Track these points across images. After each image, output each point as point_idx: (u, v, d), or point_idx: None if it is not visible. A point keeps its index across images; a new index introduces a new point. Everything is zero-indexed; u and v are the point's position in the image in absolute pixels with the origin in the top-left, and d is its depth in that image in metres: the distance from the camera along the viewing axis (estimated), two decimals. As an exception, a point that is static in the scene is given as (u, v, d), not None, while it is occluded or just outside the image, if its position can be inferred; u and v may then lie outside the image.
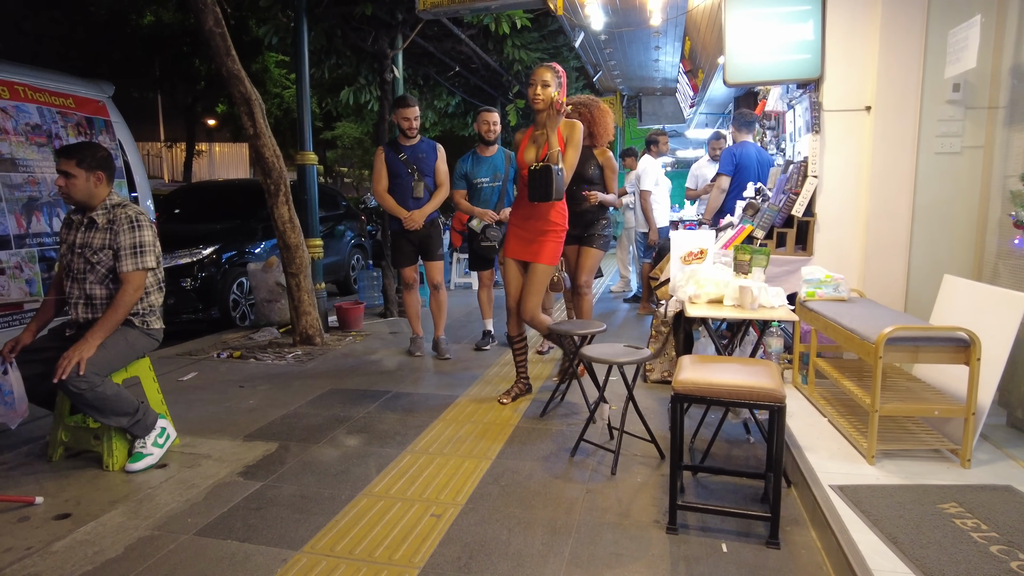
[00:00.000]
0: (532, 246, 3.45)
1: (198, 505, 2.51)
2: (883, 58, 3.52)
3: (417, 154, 4.60)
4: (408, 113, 4.56)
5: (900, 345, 2.46)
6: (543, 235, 3.44)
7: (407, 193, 4.58)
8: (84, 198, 2.81)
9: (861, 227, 3.71)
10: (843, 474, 2.42)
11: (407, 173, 4.57)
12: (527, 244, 3.46)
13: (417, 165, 4.58)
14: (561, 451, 2.99)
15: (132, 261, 2.81)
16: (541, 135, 3.37)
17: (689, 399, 2.18)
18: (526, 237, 3.47)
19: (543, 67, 3.32)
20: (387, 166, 4.60)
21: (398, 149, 4.60)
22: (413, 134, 4.58)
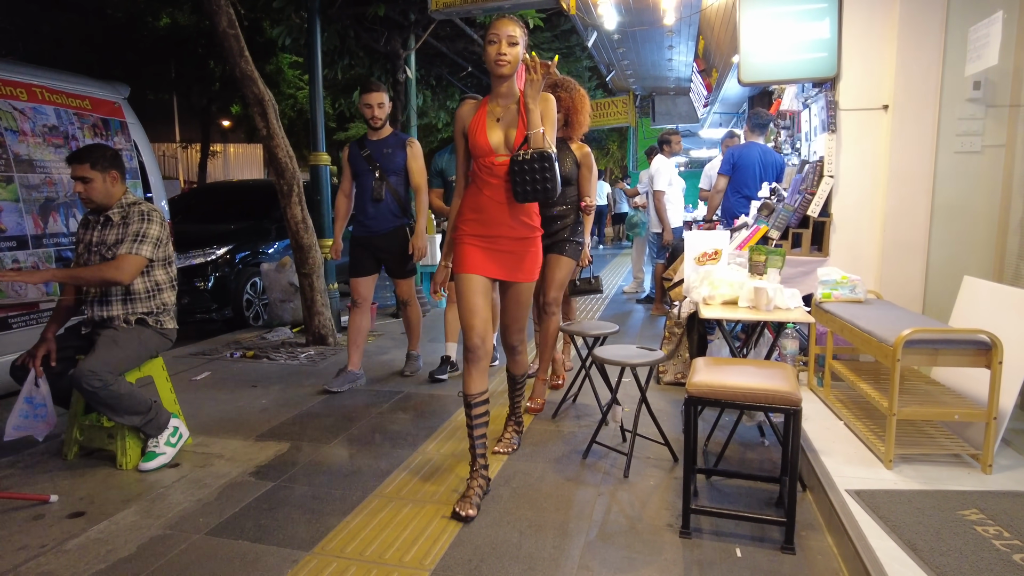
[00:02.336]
0: (510, 259, 2.60)
1: (210, 505, 2.52)
2: (901, 56, 3.47)
3: (381, 149, 3.95)
4: (370, 99, 3.91)
5: (919, 348, 2.41)
6: (523, 243, 2.60)
7: (367, 196, 3.94)
8: (103, 199, 2.84)
9: (878, 228, 3.66)
10: (860, 478, 2.38)
11: (367, 171, 3.94)
12: (501, 257, 2.59)
13: (380, 162, 3.92)
14: (573, 453, 2.97)
15: (129, 245, 2.82)
16: (506, 110, 2.53)
17: (703, 402, 2.15)
18: (497, 248, 2.58)
19: (507, 19, 2.47)
20: (350, 164, 4.01)
21: (363, 144, 4.00)
22: (377, 124, 3.92)
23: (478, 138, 2.51)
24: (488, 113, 2.56)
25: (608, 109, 12.77)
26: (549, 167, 2.39)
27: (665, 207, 6.20)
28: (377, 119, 3.91)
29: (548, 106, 2.52)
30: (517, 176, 2.42)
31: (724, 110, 10.25)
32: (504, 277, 2.62)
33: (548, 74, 2.42)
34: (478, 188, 2.55)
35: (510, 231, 2.57)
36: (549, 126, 2.48)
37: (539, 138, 2.41)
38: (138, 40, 14.68)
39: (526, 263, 2.63)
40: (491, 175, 2.52)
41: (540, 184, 2.41)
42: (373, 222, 3.97)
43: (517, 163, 2.42)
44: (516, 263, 2.61)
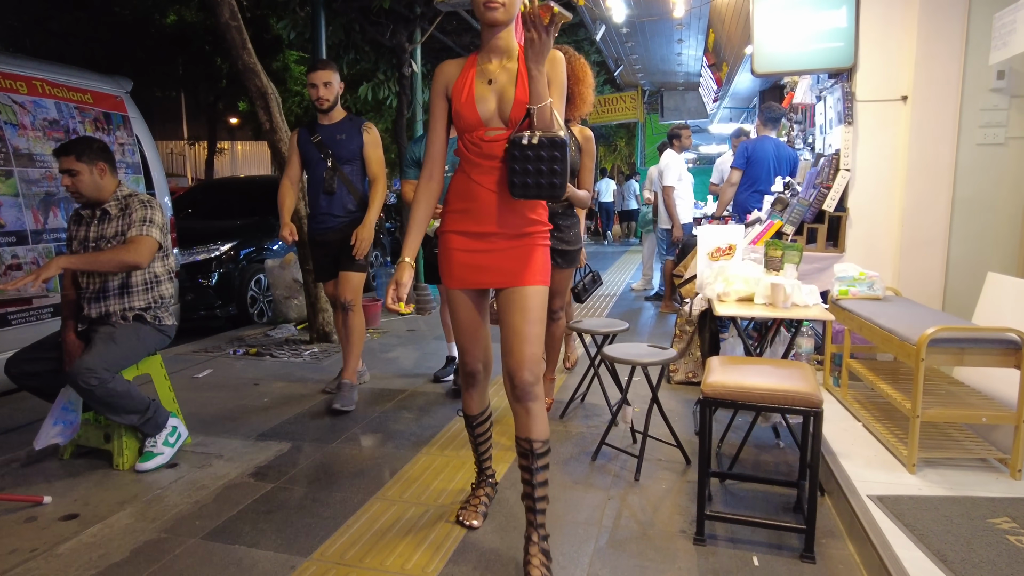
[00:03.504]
0: (509, 261, 1.99)
1: (207, 507, 2.44)
2: (921, 44, 3.35)
3: (334, 135, 3.51)
4: (314, 77, 3.45)
5: (944, 347, 2.31)
6: (523, 240, 2.00)
7: (318, 188, 3.54)
8: (93, 192, 2.76)
9: (896, 222, 3.55)
10: (882, 483, 2.28)
11: (319, 160, 3.51)
12: (496, 259, 2.00)
13: (332, 149, 3.49)
14: (582, 455, 2.88)
15: (138, 228, 2.76)
16: (502, 70, 1.92)
17: (719, 403, 2.06)
18: (492, 248, 2.00)
19: None
20: (299, 151, 3.58)
21: (314, 130, 3.55)
22: (323, 106, 3.46)
23: (464, 107, 1.92)
24: (477, 74, 1.94)
25: (616, 105, 12.65)
26: (560, 157, 1.81)
27: (675, 203, 6.09)
28: (323, 100, 3.44)
29: (556, 69, 1.91)
30: (516, 164, 1.84)
31: (734, 105, 10.12)
32: (502, 284, 2.00)
33: (554, 24, 1.70)
34: (465, 172, 1.99)
35: (507, 227, 1.97)
36: (558, 96, 1.91)
37: (547, 115, 1.82)
38: (145, 37, 14.66)
39: (532, 263, 1.99)
40: (480, 155, 1.94)
41: (545, 178, 1.84)
42: (327, 217, 3.56)
43: (519, 148, 1.83)
44: (518, 264, 1.98)
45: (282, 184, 3.64)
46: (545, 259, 2.03)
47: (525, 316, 1.96)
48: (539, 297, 1.99)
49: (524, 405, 1.97)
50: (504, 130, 1.92)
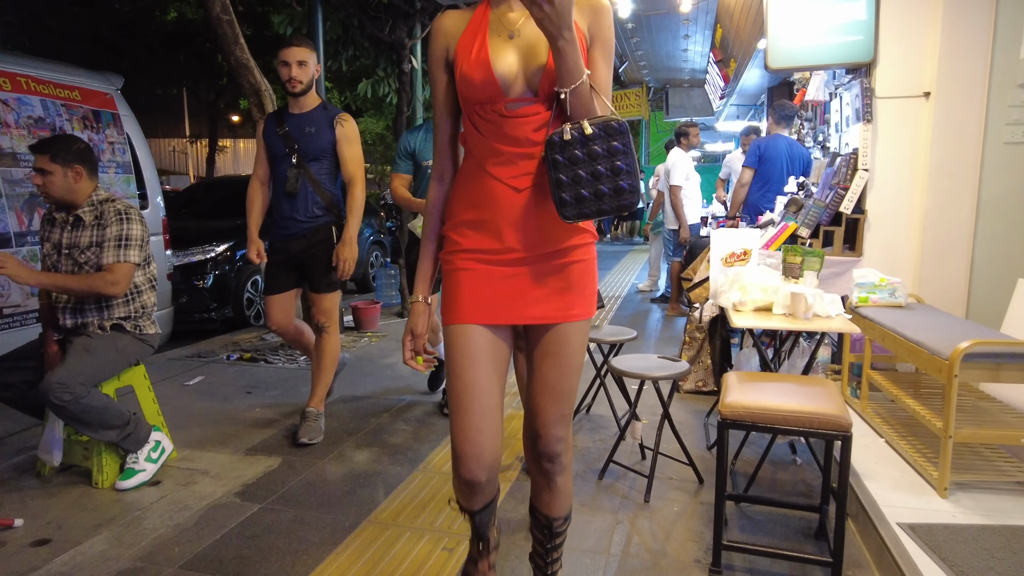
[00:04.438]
0: (543, 290, 1.49)
1: (188, 531, 2.29)
2: (945, 38, 3.18)
3: (303, 126, 3.00)
4: (288, 55, 2.91)
5: (979, 362, 2.14)
6: (567, 259, 1.49)
7: (281, 187, 3.03)
8: (64, 195, 2.60)
9: (917, 225, 3.38)
10: (912, 509, 2.12)
11: (284, 155, 3.00)
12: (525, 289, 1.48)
13: (299, 143, 2.98)
14: (588, 472, 2.72)
15: (114, 252, 2.59)
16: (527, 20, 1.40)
17: (740, 426, 1.90)
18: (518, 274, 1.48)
19: None
20: (266, 144, 3.08)
21: (281, 120, 3.05)
22: (296, 88, 2.94)
23: (474, 68, 1.38)
24: (492, 24, 1.42)
25: (620, 102, 12.46)
26: (623, 149, 1.34)
27: (682, 203, 5.93)
28: (295, 82, 2.93)
29: (601, 23, 1.42)
30: (563, 173, 1.34)
31: (741, 102, 9.94)
32: (537, 319, 1.49)
33: None
34: (477, 164, 1.44)
35: (541, 244, 1.45)
36: (605, 64, 1.43)
37: (584, 97, 1.33)
38: (145, 34, 14.53)
39: (578, 288, 1.50)
40: (501, 137, 1.40)
41: (609, 183, 1.34)
42: (288, 222, 3.06)
43: (562, 149, 1.33)
44: (557, 293, 1.48)
45: (250, 187, 3.17)
46: (593, 280, 1.54)
47: (563, 365, 1.50)
48: (583, 337, 1.53)
49: (548, 478, 1.57)
50: (533, 101, 1.38)
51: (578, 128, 1.32)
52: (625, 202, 1.35)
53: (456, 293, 1.49)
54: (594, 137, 1.32)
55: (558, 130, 1.34)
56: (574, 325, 1.51)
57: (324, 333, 3.15)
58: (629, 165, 1.34)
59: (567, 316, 1.50)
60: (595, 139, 1.32)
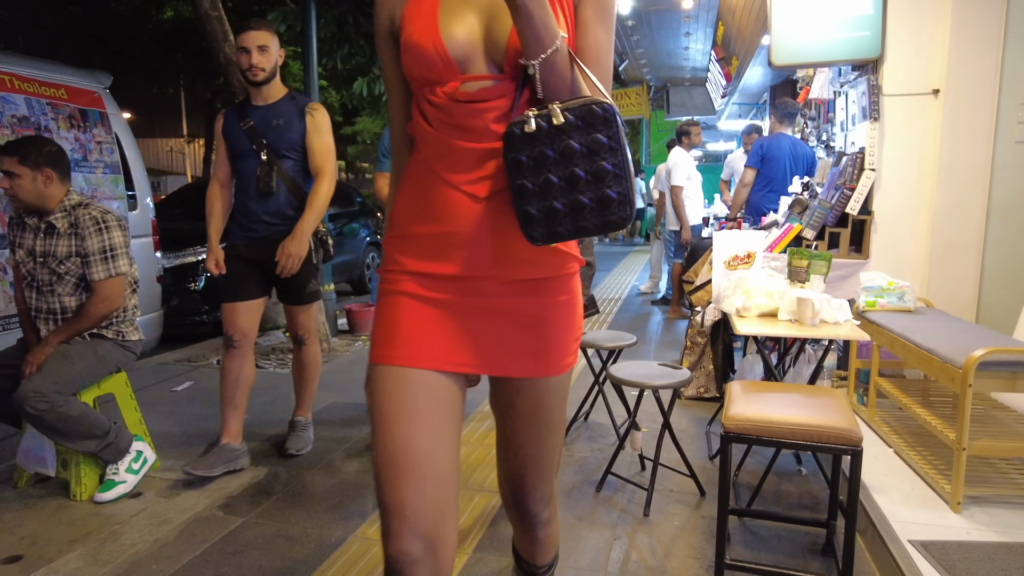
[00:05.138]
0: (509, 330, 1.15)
1: (167, 547, 2.19)
2: (955, 33, 3.08)
3: (270, 119, 2.72)
4: (247, 40, 2.65)
5: (994, 371, 2.05)
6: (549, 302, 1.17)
7: (249, 186, 2.74)
8: (33, 200, 2.48)
9: (925, 226, 3.28)
10: (924, 525, 2.02)
11: (250, 151, 2.72)
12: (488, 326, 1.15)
13: (268, 138, 2.71)
14: (585, 484, 2.62)
15: (103, 267, 2.49)
16: None
17: (744, 439, 1.80)
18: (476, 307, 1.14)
19: None
20: (227, 141, 2.79)
21: (243, 113, 2.76)
22: (258, 76, 2.67)
23: (419, 37, 1.06)
24: None
25: (621, 101, 12.35)
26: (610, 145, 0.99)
27: (683, 203, 5.83)
28: (257, 70, 2.65)
29: None
30: (527, 178, 1.01)
31: (743, 101, 9.84)
32: (503, 371, 1.17)
33: None
34: (426, 165, 1.12)
35: (510, 271, 1.12)
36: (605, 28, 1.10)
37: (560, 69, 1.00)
38: (141, 33, 14.44)
39: (555, 335, 1.17)
40: (455, 131, 1.08)
41: (591, 193, 1.00)
42: (258, 224, 2.76)
43: (523, 145, 1.00)
44: (532, 339, 1.15)
45: (209, 190, 2.86)
46: (577, 321, 1.21)
47: (538, 429, 1.23)
48: (562, 391, 1.25)
49: (530, 533, 1.39)
50: (498, 80, 1.05)
51: (545, 116, 0.98)
52: (613, 217, 0.99)
53: (392, 323, 1.12)
54: (569, 128, 0.97)
55: (519, 119, 0.99)
56: (552, 381, 1.19)
57: (303, 346, 2.98)
58: (618, 166, 0.97)
59: (543, 370, 1.17)
60: (570, 131, 0.97)
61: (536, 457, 1.26)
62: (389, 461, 1.05)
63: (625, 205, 0.99)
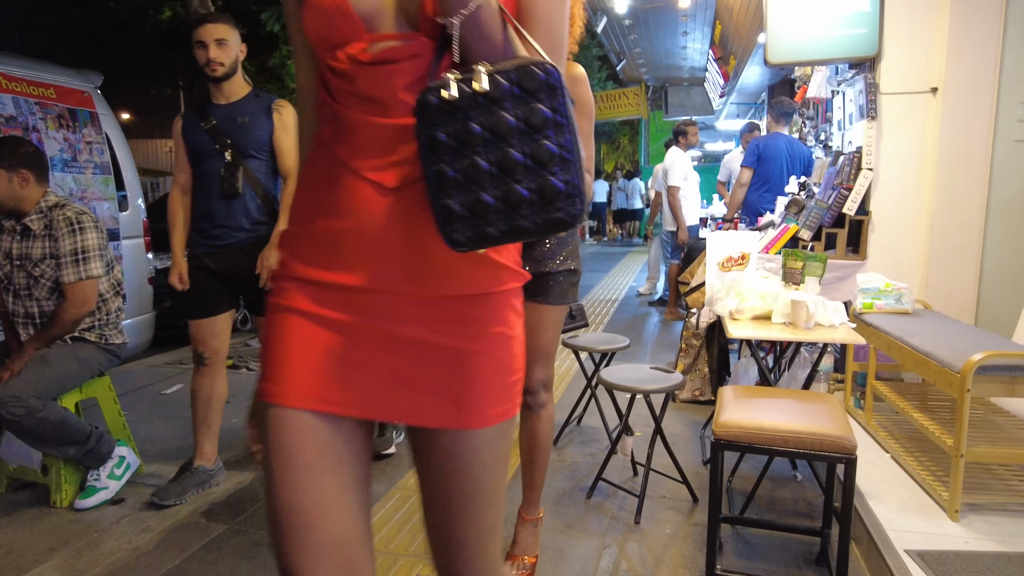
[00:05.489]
0: (429, 365, 0.89)
1: (147, 556, 2.14)
2: (954, 31, 3.04)
3: (234, 117, 2.54)
4: (203, 33, 2.46)
5: (993, 375, 1.99)
6: (479, 332, 0.91)
7: (211, 189, 2.54)
8: (9, 202, 2.43)
9: (924, 227, 3.23)
10: (921, 534, 1.97)
11: (214, 152, 2.53)
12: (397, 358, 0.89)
13: (232, 137, 2.52)
14: (576, 490, 2.57)
15: (74, 270, 2.44)
16: None
17: (735, 447, 1.75)
18: (381, 333, 0.88)
19: None
20: (187, 142, 2.59)
21: (204, 113, 2.57)
22: (217, 71, 2.48)
23: None
24: None
25: (619, 101, 12.32)
26: (554, 119, 0.77)
27: (680, 204, 5.77)
28: (215, 65, 2.47)
29: None
30: (445, 162, 0.78)
31: (741, 100, 9.79)
32: (414, 418, 0.92)
33: None
34: (325, 146, 0.91)
35: (426, 284, 0.89)
36: None
37: (488, 26, 0.79)
38: (139, 34, 14.41)
39: (477, 373, 0.91)
40: (358, 102, 0.87)
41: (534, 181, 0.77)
42: (223, 231, 2.56)
43: (441, 114, 0.77)
44: (445, 375, 0.90)
45: (170, 198, 2.66)
46: (516, 357, 0.95)
47: (465, 495, 0.95)
48: (497, 451, 0.95)
49: None
50: (410, 40, 0.84)
51: (468, 79, 0.75)
52: (560, 214, 0.76)
53: (276, 351, 0.90)
54: (501, 96, 0.75)
55: (436, 83, 0.76)
56: (477, 437, 0.92)
57: None
58: (565, 147, 0.75)
59: (464, 421, 0.90)
60: (503, 100, 0.75)
61: (462, 534, 0.97)
62: (279, 523, 0.87)
63: (574, 198, 0.76)
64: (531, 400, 1.89)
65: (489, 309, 0.92)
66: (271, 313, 0.93)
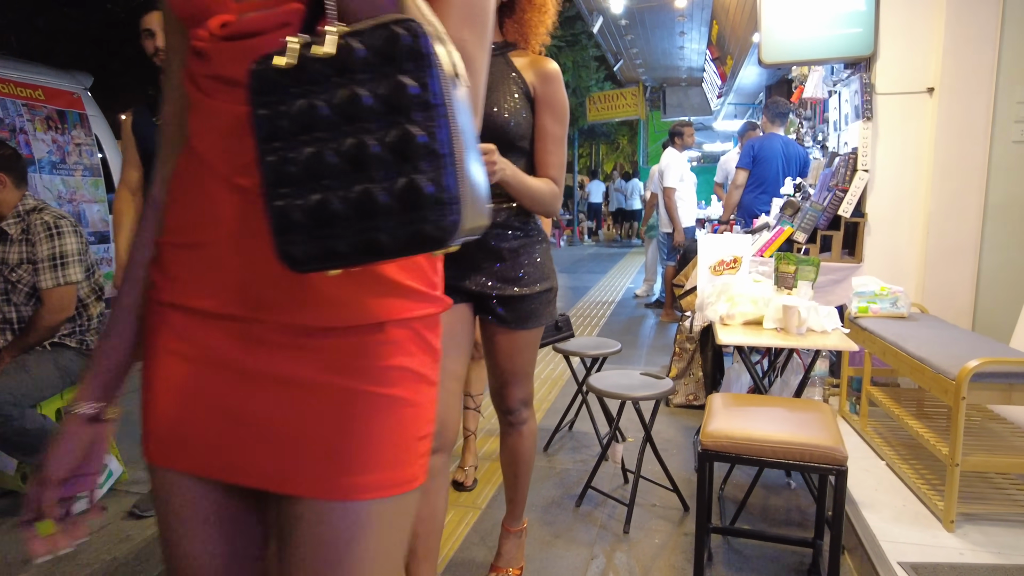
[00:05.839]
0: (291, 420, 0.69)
1: (123, 568, 2.10)
2: (950, 30, 2.98)
3: None
4: (149, 21, 2.28)
5: (989, 382, 1.95)
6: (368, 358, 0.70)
7: None
8: None
9: (920, 229, 3.18)
10: (915, 545, 1.92)
11: None
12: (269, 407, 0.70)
13: None
14: (565, 499, 2.52)
15: (52, 275, 2.39)
16: None
17: (723, 458, 1.70)
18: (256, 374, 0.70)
19: None
20: (138, 140, 2.40)
21: (157, 108, 2.34)
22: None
23: None
24: None
25: (617, 101, 12.27)
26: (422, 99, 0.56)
27: (676, 205, 5.73)
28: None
29: None
30: (281, 150, 0.59)
31: (739, 101, 9.75)
32: (268, 482, 0.71)
33: None
34: (189, 148, 0.74)
35: (284, 309, 0.70)
36: None
37: None
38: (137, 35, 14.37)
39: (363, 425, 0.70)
40: (215, 85, 0.70)
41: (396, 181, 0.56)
42: None
43: (272, 91, 0.59)
44: (326, 425, 0.70)
45: (117, 199, 2.49)
46: (424, 409, 0.75)
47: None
48: (392, 536, 0.74)
49: None
50: (279, 4, 0.68)
51: (317, 44, 0.57)
52: (427, 227, 0.56)
53: (146, 396, 0.76)
54: (352, 64, 0.57)
55: (273, 51, 0.59)
56: (361, 512, 0.70)
57: None
58: (436, 136, 0.56)
59: (338, 489, 0.70)
60: (355, 70, 0.57)
61: None
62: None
63: (446, 207, 0.55)
64: (512, 419, 1.80)
65: (382, 342, 0.71)
66: (147, 338, 0.78)
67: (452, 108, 0.57)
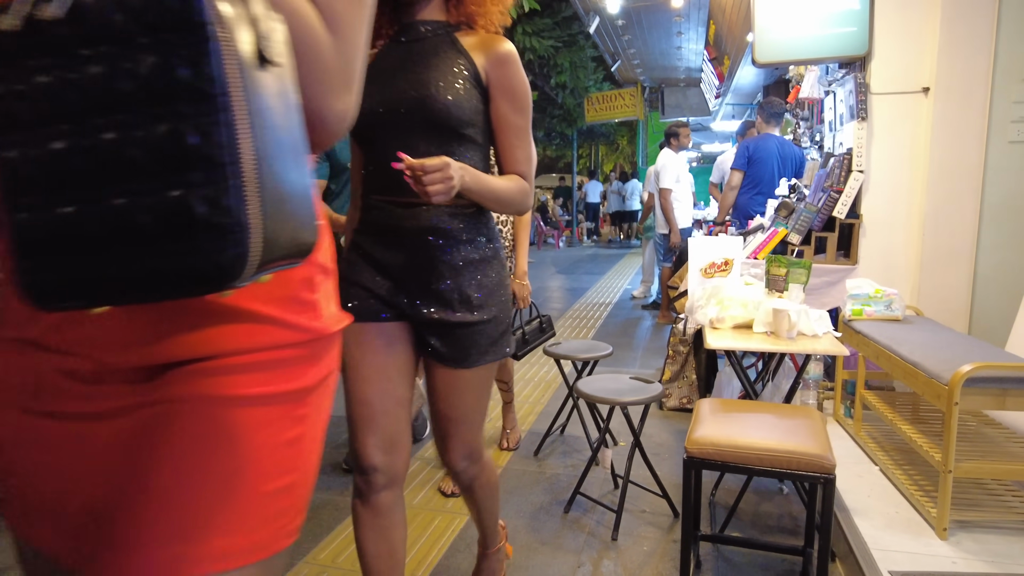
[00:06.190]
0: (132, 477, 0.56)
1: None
2: (945, 29, 2.95)
3: None
4: None
5: (982, 387, 1.91)
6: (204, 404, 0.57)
7: None
8: None
9: (916, 231, 3.14)
10: (906, 553, 1.89)
11: None
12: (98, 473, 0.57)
13: None
14: (553, 505, 2.48)
15: None
16: None
17: (709, 465, 1.66)
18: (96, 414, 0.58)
19: None
20: None
21: None
22: None
23: None
24: None
25: (615, 102, 12.23)
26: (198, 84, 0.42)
27: (672, 206, 5.69)
28: None
29: None
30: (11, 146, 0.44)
31: (737, 101, 9.72)
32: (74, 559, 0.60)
33: None
34: None
35: (107, 348, 0.57)
36: None
37: None
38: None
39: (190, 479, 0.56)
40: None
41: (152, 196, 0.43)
42: None
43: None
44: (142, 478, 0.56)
45: None
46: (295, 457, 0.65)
47: None
48: None
49: None
50: None
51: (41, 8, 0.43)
52: (198, 260, 0.44)
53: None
54: (95, 34, 0.42)
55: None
56: None
57: None
58: (210, 134, 0.42)
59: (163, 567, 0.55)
60: (97, 40, 0.42)
61: None
62: None
63: (226, 235, 0.43)
64: (460, 478, 1.55)
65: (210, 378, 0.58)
66: None
67: (242, 101, 0.43)
